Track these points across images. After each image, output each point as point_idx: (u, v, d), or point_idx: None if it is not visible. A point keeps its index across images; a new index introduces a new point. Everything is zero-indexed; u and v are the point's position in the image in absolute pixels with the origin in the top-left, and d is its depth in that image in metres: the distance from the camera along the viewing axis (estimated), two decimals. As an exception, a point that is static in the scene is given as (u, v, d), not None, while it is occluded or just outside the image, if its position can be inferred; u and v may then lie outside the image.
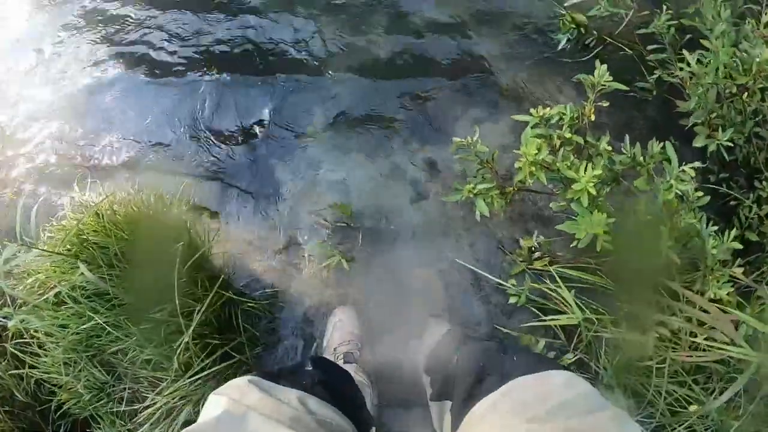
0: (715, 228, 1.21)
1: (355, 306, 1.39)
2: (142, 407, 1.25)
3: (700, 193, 1.24)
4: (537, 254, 1.40)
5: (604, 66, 1.19)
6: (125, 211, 1.34)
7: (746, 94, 1.32)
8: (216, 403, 0.62)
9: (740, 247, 1.22)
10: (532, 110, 1.24)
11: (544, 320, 1.25)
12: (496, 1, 1.83)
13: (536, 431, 0.52)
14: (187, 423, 1.26)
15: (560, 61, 1.65)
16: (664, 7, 1.42)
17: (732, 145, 1.31)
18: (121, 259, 1.26)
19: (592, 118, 1.23)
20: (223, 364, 1.27)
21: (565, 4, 1.62)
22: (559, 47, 1.60)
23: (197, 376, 1.24)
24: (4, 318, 1.27)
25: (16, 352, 1.32)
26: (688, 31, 1.45)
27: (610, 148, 1.23)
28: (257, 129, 1.72)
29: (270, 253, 1.50)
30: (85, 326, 1.24)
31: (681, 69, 1.32)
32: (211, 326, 1.30)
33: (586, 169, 1.16)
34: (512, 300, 1.34)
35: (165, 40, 1.96)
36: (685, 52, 1.31)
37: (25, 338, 1.31)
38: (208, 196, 1.62)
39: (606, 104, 1.21)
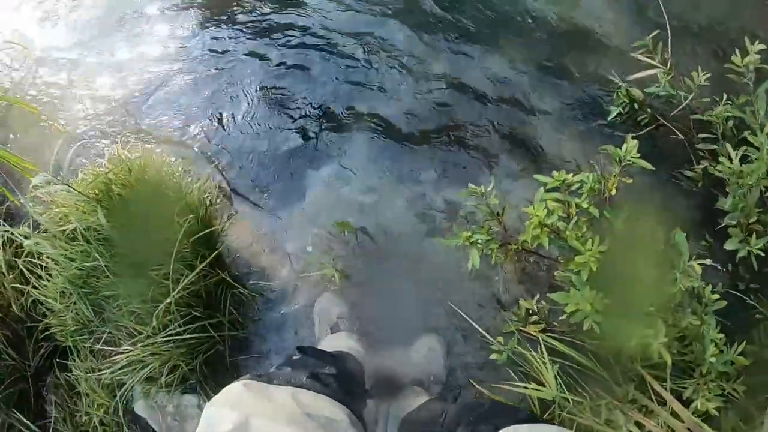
0: (721, 335, 1.12)
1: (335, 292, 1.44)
2: (116, 352, 1.32)
3: (717, 296, 1.16)
4: (533, 318, 1.34)
5: (635, 141, 1.16)
6: (155, 176, 1.44)
7: (794, 202, 1.23)
8: (222, 418, 0.65)
9: (746, 363, 1.13)
10: (554, 173, 1.21)
11: (517, 386, 1.20)
12: (559, 56, 1.81)
13: None
14: (150, 379, 1.33)
15: (608, 132, 1.60)
16: (725, 96, 1.36)
17: (764, 254, 1.22)
18: (136, 215, 1.35)
19: (614, 192, 1.19)
20: (197, 335, 1.32)
21: (627, 78, 1.58)
22: (609, 118, 1.56)
23: (171, 339, 1.29)
24: (23, 237, 1.40)
25: (24, 269, 1.44)
26: (748, 125, 1.37)
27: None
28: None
29: (274, 250, 1.55)
30: (88, 264, 1.33)
31: (723, 164, 1.25)
32: (200, 299, 1.36)
33: (593, 243, 1.12)
34: (493, 356, 1.29)
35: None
36: (727, 146, 1.23)
37: (35, 261, 1.42)
38: (235, 179, 1.71)
39: (630, 180, 1.17)
